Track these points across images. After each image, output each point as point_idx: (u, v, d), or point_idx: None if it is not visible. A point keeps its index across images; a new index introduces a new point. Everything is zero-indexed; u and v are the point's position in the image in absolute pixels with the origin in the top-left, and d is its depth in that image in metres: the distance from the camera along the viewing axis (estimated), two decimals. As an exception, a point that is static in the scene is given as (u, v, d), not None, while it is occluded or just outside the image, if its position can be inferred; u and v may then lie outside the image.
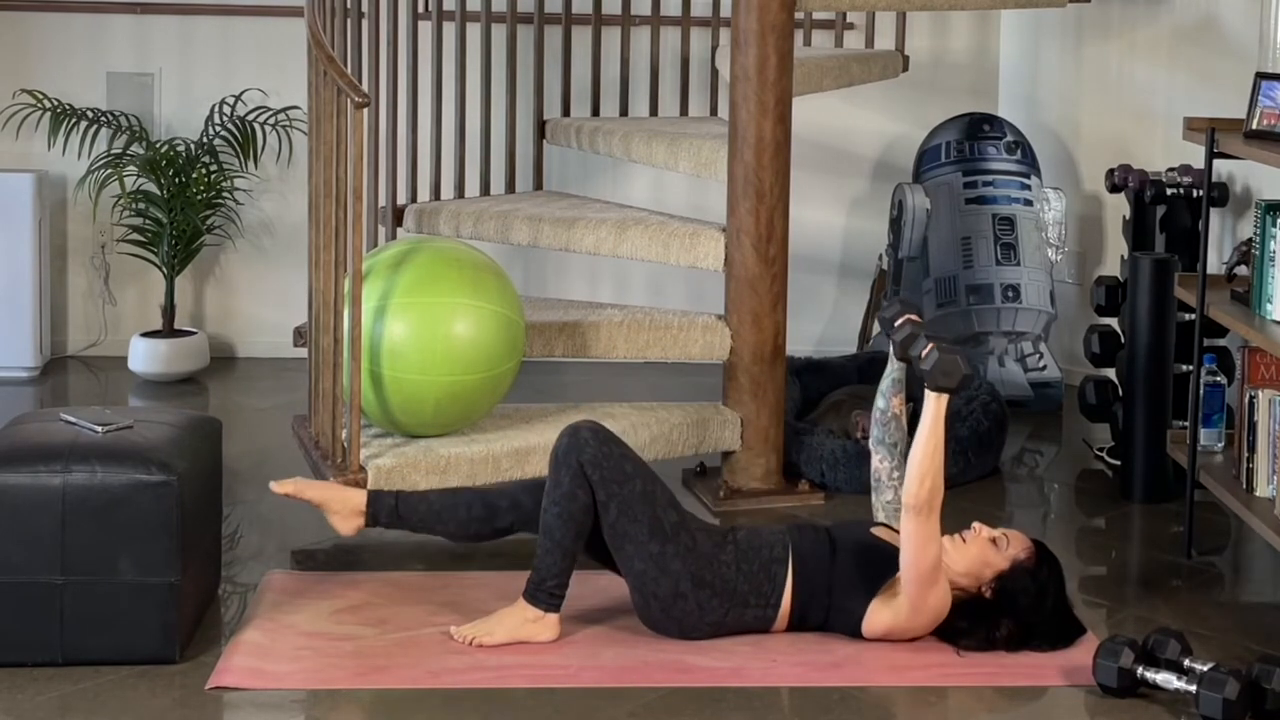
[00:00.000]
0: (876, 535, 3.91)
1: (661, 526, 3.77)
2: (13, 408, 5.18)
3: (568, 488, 3.77)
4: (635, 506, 3.76)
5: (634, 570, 3.79)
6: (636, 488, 3.78)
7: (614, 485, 3.77)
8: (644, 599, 3.80)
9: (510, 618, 3.82)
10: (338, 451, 4.29)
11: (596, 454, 3.78)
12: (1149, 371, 4.89)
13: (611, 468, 3.78)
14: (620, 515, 3.77)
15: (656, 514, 3.77)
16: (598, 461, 3.77)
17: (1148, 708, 3.55)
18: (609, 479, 3.77)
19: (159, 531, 3.61)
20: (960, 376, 3.69)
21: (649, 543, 3.76)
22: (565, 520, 3.78)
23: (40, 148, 6.14)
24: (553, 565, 3.80)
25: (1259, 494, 4.28)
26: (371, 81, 5.31)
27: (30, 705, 3.47)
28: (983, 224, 5.98)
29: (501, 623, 3.82)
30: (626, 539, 3.77)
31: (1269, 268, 4.20)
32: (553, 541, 3.79)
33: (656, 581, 3.77)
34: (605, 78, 5.91)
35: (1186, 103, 5.51)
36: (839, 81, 5.47)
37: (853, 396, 5.22)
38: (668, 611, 3.78)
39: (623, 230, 4.92)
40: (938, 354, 3.68)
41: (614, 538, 3.79)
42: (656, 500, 3.79)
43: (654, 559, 3.76)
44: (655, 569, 3.76)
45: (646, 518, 3.76)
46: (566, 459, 3.79)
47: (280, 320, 5.89)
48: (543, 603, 3.81)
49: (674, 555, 3.76)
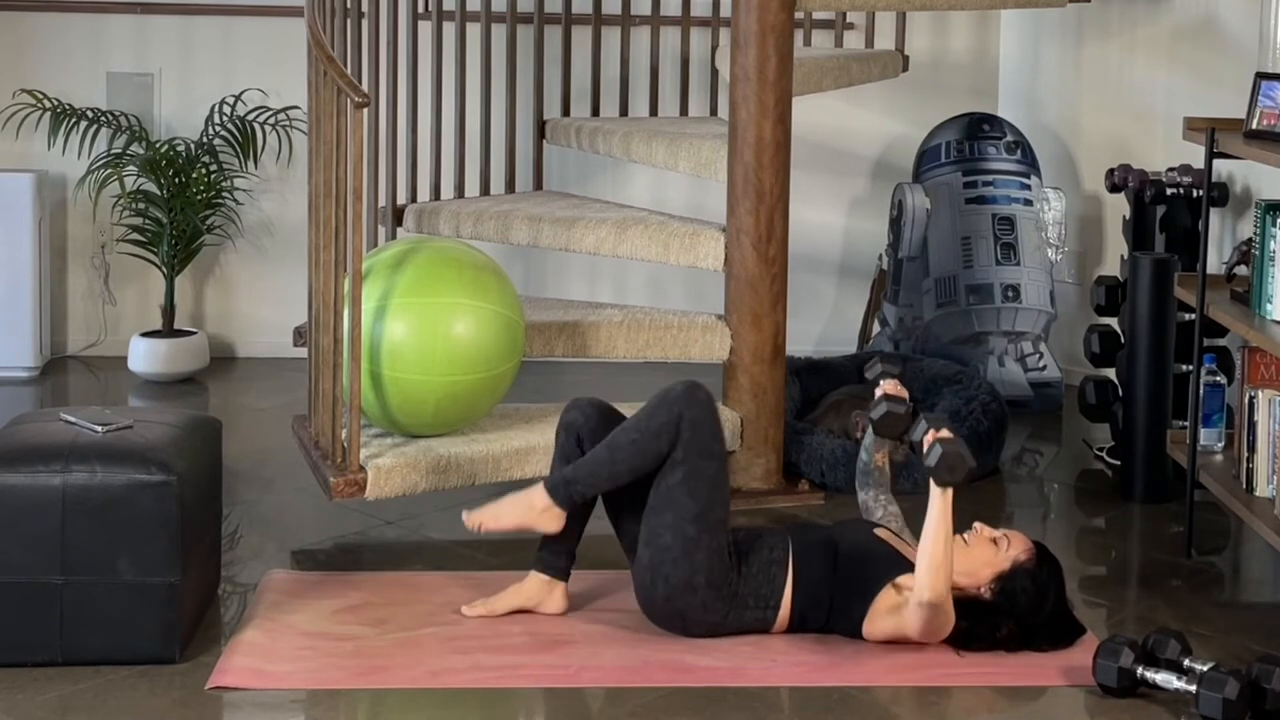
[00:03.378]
0: (877, 536, 3.91)
1: (708, 516, 3.76)
2: (13, 408, 5.18)
3: (656, 429, 3.78)
4: (700, 484, 3.76)
5: (659, 543, 3.76)
6: (711, 469, 3.78)
7: (694, 453, 3.77)
8: (653, 580, 3.78)
9: (520, 503, 3.86)
10: (338, 451, 4.29)
11: (700, 416, 3.78)
12: (1149, 371, 4.90)
13: (704, 436, 3.78)
14: (682, 482, 3.76)
15: (711, 502, 3.76)
16: (697, 423, 3.78)
17: (1148, 708, 3.55)
18: (695, 444, 3.77)
19: (159, 531, 3.62)
20: (965, 470, 3.61)
21: (689, 523, 3.75)
22: (635, 452, 3.79)
23: (40, 148, 6.14)
24: (591, 475, 3.83)
25: (1259, 494, 4.28)
26: (371, 81, 5.31)
27: (30, 705, 3.47)
28: (983, 224, 5.98)
29: (512, 506, 3.86)
30: (672, 507, 3.76)
31: (1269, 268, 4.20)
32: (609, 457, 3.82)
33: (676, 564, 3.75)
34: (605, 78, 5.92)
35: (1186, 103, 5.51)
36: (839, 81, 5.47)
37: (853, 396, 5.22)
38: (672, 599, 3.77)
39: (623, 230, 4.92)
40: (940, 449, 3.60)
41: (661, 499, 3.78)
42: (719, 492, 3.79)
43: (686, 541, 3.74)
44: (681, 551, 3.74)
45: (702, 500, 3.76)
46: (672, 405, 3.79)
47: (280, 320, 5.89)
48: (560, 496, 3.83)
49: (703, 547, 3.75)
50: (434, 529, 4.60)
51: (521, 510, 3.87)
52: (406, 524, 4.63)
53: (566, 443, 3.98)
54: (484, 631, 3.87)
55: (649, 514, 3.80)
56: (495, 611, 3.94)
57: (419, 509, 4.69)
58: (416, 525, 4.63)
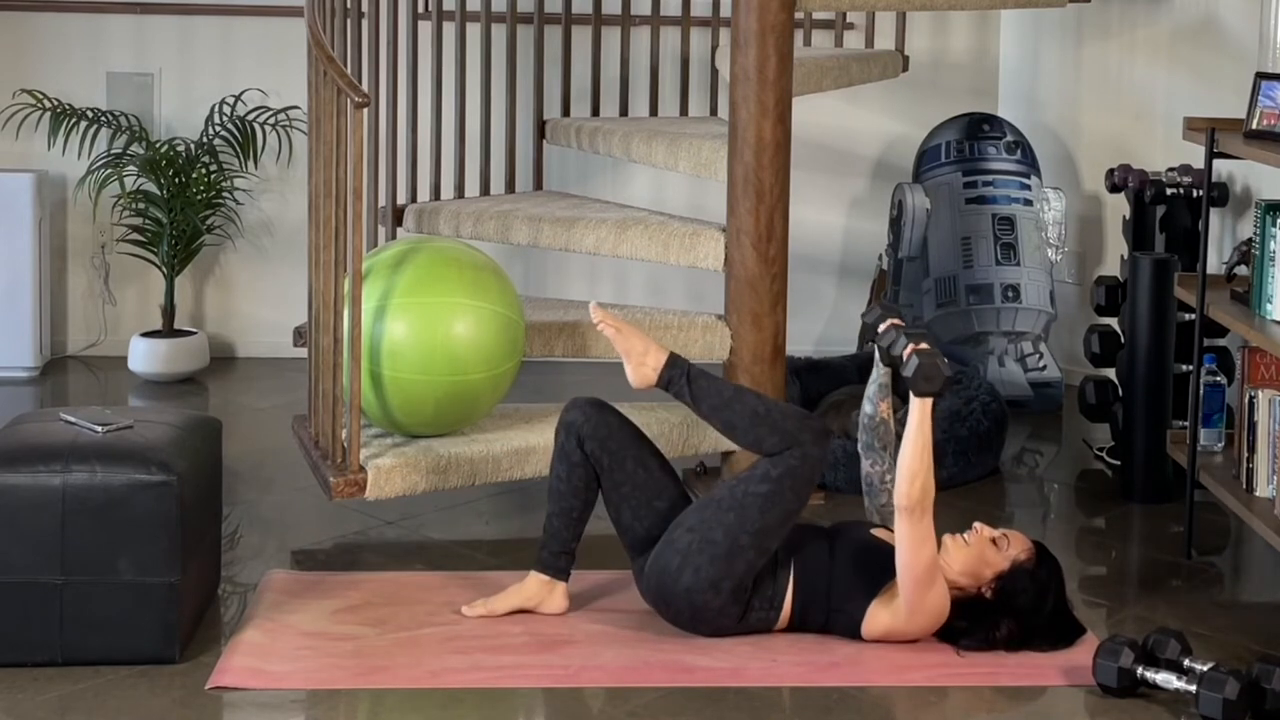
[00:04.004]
0: (876, 536, 3.91)
1: (765, 536, 3.76)
2: (13, 408, 5.18)
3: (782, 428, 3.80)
4: (776, 508, 3.76)
5: (707, 535, 3.76)
6: (792, 504, 3.78)
7: (789, 481, 3.78)
8: (682, 565, 3.77)
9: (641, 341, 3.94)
10: (338, 451, 4.28)
11: (817, 458, 3.80)
12: (1149, 371, 4.90)
13: (807, 476, 3.80)
14: (766, 495, 3.76)
15: (773, 528, 3.76)
16: (809, 460, 3.79)
17: (1148, 708, 3.55)
18: (796, 475, 3.78)
19: (159, 531, 3.62)
20: (941, 380, 3.69)
21: (746, 533, 3.75)
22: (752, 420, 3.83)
23: (40, 148, 6.14)
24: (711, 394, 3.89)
25: (1259, 494, 4.28)
26: (371, 81, 5.31)
27: (30, 705, 3.47)
28: (983, 224, 5.98)
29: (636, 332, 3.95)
30: (739, 509, 3.76)
31: (1269, 268, 4.20)
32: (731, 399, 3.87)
33: (714, 561, 3.74)
34: (605, 78, 5.91)
35: (1186, 103, 5.52)
36: (839, 81, 5.46)
37: (853, 396, 5.21)
38: (693, 592, 3.77)
39: (623, 230, 4.92)
40: (917, 360, 3.69)
41: (735, 499, 3.78)
42: (784, 525, 3.79)
43: (734, 546, 3.74)
44: (725, 552, 3.74)
45: (771, 522, 3.76)
46: (803, 430, 3.81)
47: (280, 320, 5.89)
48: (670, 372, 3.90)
49: (745, 561, 3.75)
50: (434, 529, 4.60)
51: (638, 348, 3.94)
52: (406, 524, 4.63)
53: (566, 443, 3.98)
54: (484, 631, 3.87)
55: (708, 504, 3.81)
56: (495, 611, 3.95)
57: (419, 509, 4.69)
58: (416, 525, 4.63)
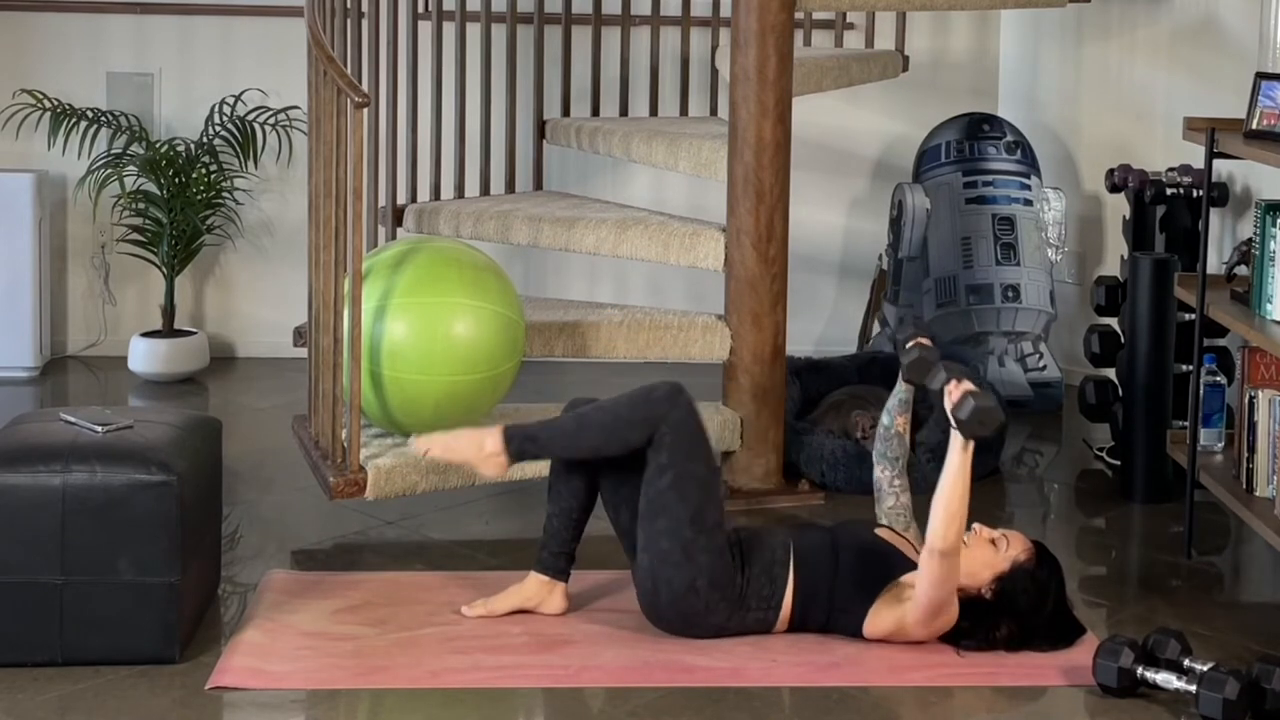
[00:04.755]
0: (879, 536, 3.91)
1: (703, 517, 3.75)
2: (13, 408, 5.17)
3: (632, 420, 3.78)
4: (690, 486, 3.75)
5: (657, 549, 3.76)
6: (700, 470, 3.77)
7: (681, 456, 3.75)
8: (654, 585, 3.78)
9: (472, 440, 3.86)
10: (338, 451, 4.29)
11: (683, 418, 3.77)
12: (1149, 371, 4.90)
13: (689, 439, 3.77)
14: (672, 485, 3.75)
15: (704, 503, 3.76)
16: (680, 426, 3.76)
17: (1148, 708, 3.55)
18: (681, 448, 3.76)
19: (159, 531, 3.61)
20: (997, 424, 3.63)
21: (685, 526, 3.74)
22: (604, 435, 3.79)
23: (40, 148, 6.14)
24: (552, 440, 3.84)
25: (1259, 494, 4.28)
26: (371, 81, 5.31)
27: (30, 705, 3.47)
28: (983, 224, 5.98)
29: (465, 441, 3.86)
30: (664, 513, 3.75)
31: (1269, 268, 4.20)
32: (576, 430, 3.82)
33: (677, 567, 3.74)
34: (605, 78, 5.91)
35: (1186, 103, 5.51)
36: (839, 81, 5.47)
37: (853, 396, 5.22)
38: (675, 603, 3.77)
39: (623, 230, 4.92)
40: (974, 403, 3.59)
41: (653, 505, 3.76)
42: (711, 493, 3.78)
43: (684, 544, 3.73)
44: (680, 554, 3.74)
45: (694, 502, 3.74)
46: (655, 404, 3.78)
47: (280, 320, 5.89)
48: (513, 448, 3.83)
49: (703, 549, 3.74)
50: (434, 529, 4.60)
51: (473, 448, 3.86)
52: (406, 524, 4.63)
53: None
54: (484, 631, 3.87)
55: (642, 520, 3.79)
56: (495, 612, 3.94)
57: (419, 509, 4.69)
58: (416, 525, 4.63)
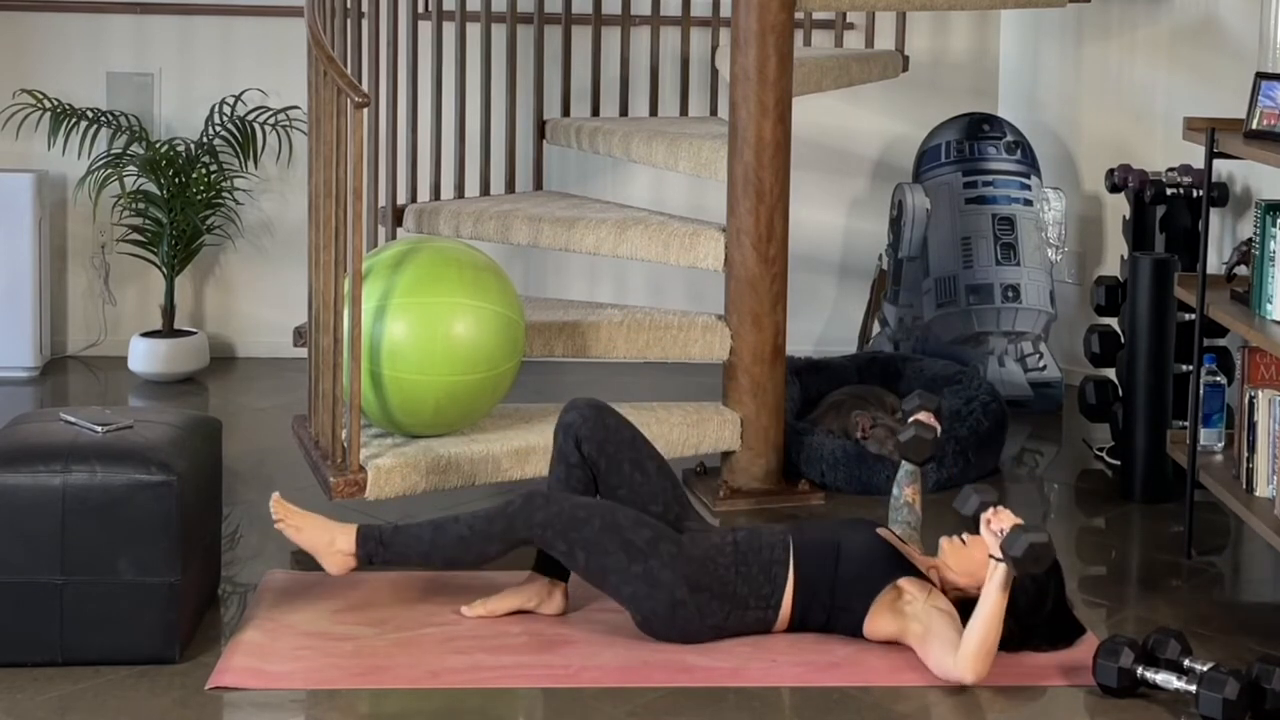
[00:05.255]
0: (880, 536, 3.91)
1: (636, 547, 3.75)
2: (13, 408, 5.18)
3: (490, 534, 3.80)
4: (603, 542, 3.75)
5: (625, 595, 3.78)
6: (595, 526, 3.75)
7: (572, 534, 3.75)
8: (644, 617, 3.79)
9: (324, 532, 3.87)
10: (338, 451, 4.28)
11: (546, 517, 3.76)
12: (1149, 371, 4.89)
13: (564, 522, 3.76)
14: (590, 556, 3.75)
15: (626, 538, 3.75)
16: (548, 523, 3.76)
17: (1148, 708, 3.55)
18: (565, 531, 3.75)
19: (159, 531, 3.62)
20: (1051, 559, 3.60)
21: (630, 566, 3.74)
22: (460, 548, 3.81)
23: (40, 148, 6.14)
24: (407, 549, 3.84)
25: (1259, 494, 4.28)
26: (371, 81, 5.31)
27: (30, 705, 3.47)
28: (983, 224, 5.98)
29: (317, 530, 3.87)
30: (607, 572, 3.76)
31: (1269, 268, 4.20)
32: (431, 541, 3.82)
33: (651, 597, 3.76)
34: (605, 78, 5.92)
35: (1186, 103, 5.52)
36: (839, 81, 5.47)
37: (853, 396, 5.22)
38: (669, 622, 3.78)
39: (623, 230, 4.92)
40: (1026, 540, 3.52)
41: (593, 577, 3.78)
42: (622, 527, 3.76)
43: (641, 579, 3.74)
44: (645, 586, 3.75)
45: (617, 546, 3.74)
46: (513, 519, 3.79)
47: (280, 320, 5.89)
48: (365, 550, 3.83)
49: (660, 568, 3.75)
50: (434, 529, 4.60)
51: (323, 540, 3.85)
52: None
53: (564, 444, 3.98)
54: (484, 631, 3.87)
55: (602, 589, 3.80)
56: (495, 612, 3.94)
57: (419, 509, 4.69)
58: (416, 525, 4.62)
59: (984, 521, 3.64)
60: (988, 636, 3.59)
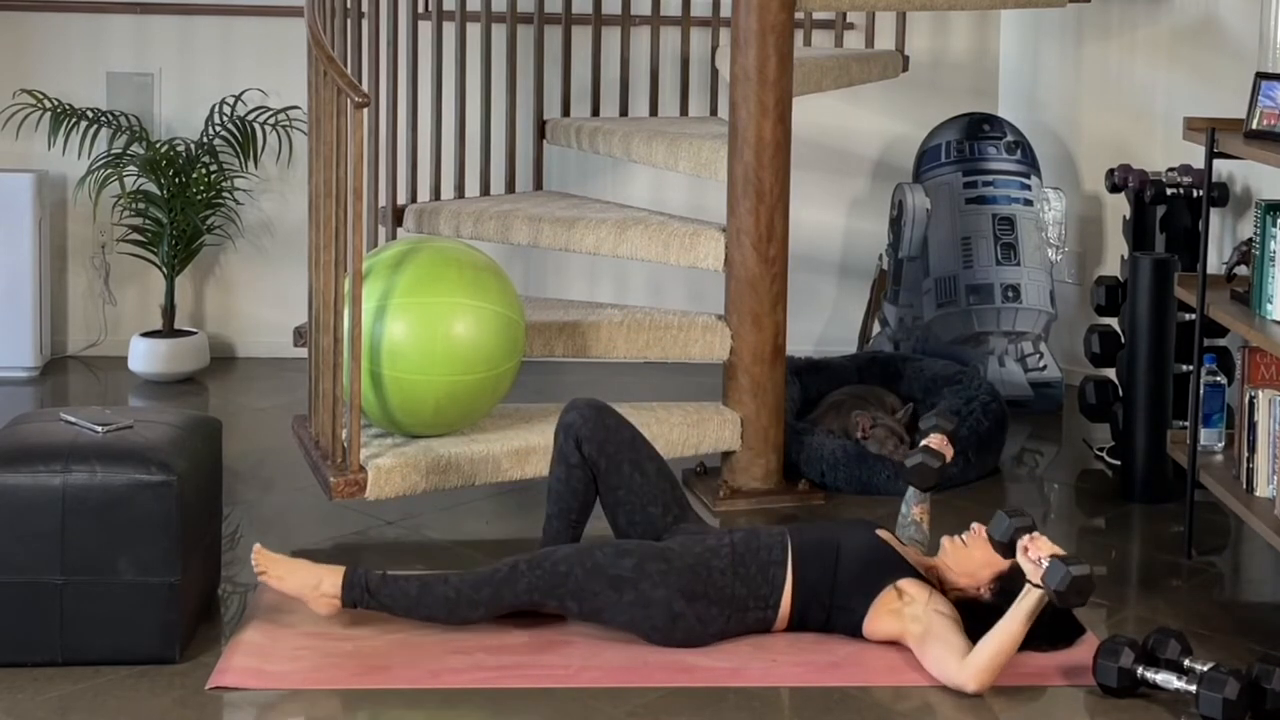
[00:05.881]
0: (879, 537, 3.91)
1: (622, 579, 3.74)
2: (13, 408, 5.18)
3: (475, 599, 3.78)
4: (588, 587, 3.75)
5: (623, 624, 3.78)
6: (577, 576, 3.75)
7: (559, 590, 3.76)
8: (646, 634, 3.79)
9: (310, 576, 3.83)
10: (338, 451, 4.28)
11: (530, 584, 3.76)
12: (1149, 371, 4.89)
13: (547, 583, 3.76)
14: (582, 604, 3.76)
15: (610, 575, 3.75)
16: (534, 588, 3.76)
17: (1148, 708, 3.55)
18: (551, 590, 3.76)
19: (159, 531, 3.62)
20: (1092, 593, 3.57)
21: (622, 596, 3.75)
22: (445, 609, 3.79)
23: (40, 148, 6.14)
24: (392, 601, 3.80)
25: (1259, 494, 4.28)
26: (371, 81, 5.31)
27: (30, 705, 3.47)
28: (983, 224, 5.98)
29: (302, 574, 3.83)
30: (601, 611, 3.77)
31: (1269, 268, 4.20)
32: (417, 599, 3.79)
33: (649, 617, 3.76)
34: (605, 78, 5.91)
35: (1186, 103, 5.51)
36: (839, 81, 5.47)
37: (853, 396, 5.22)
38: (670, 634, 3.78)
39: (623, 230, 4.92)
40: (1070, 573, 3.50)
41: (589, 619, 3.79)
42: (603, 567, 3.75)
43: (634, 605, 3.75)
44: (640, 609, 3.75)
45: (603, 586, 3.74)
46: (497, 588, 3.77)
47: (280, 320, 5.89)
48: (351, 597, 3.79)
49: (651, 589, 3.74)
50: (434, 529, 4.60)
51: (309, 585, 3.82)
52: (406, 524, 4.63)
53: (565, 444, 3.98)
54: (484, 631, 3.87)
55: (601, 624, 3.80)
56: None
57: (419, 509, 4.69)
58: (416, 525, 4.63)
59: (1020, 549, 3.62)
60: (1002, 654, 3.59)
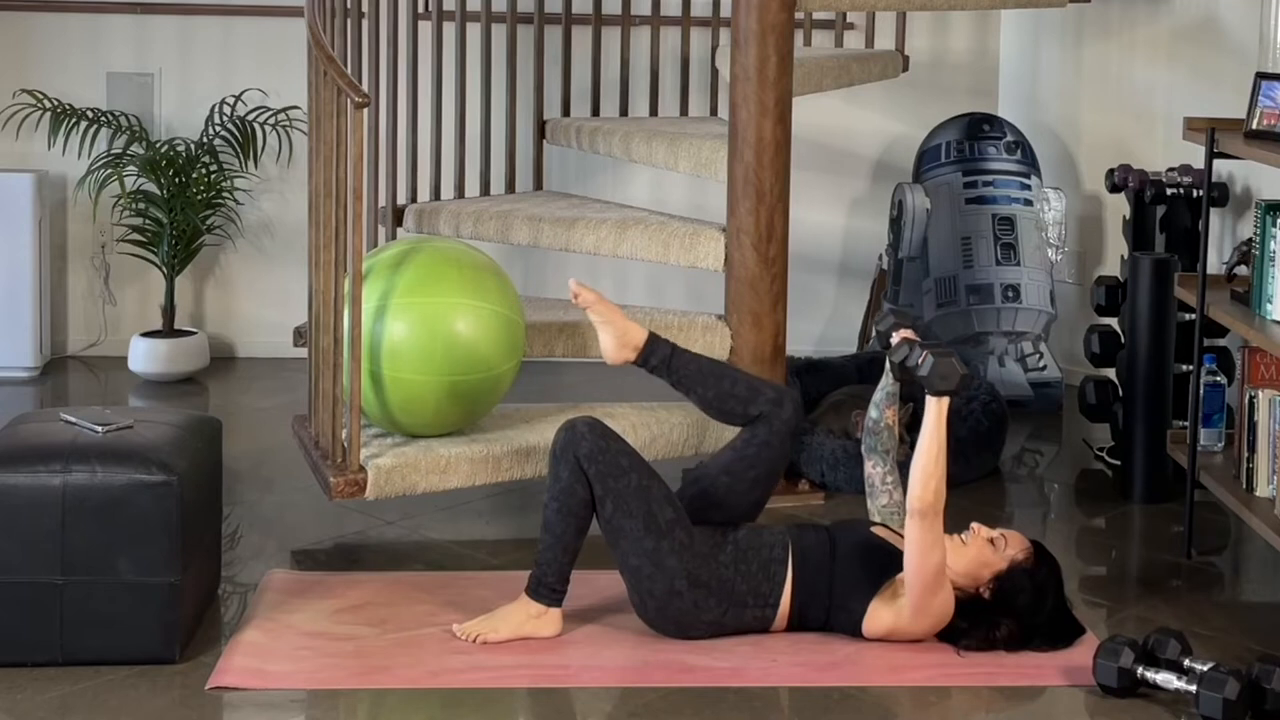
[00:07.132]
0: (877, 535, 3.92)
1: (656, 522, 3.76)
2: (13, 408, 5.18)
3: (566, 482, 3.78)
4: (630, 501, 3.76)
5: (629, 566, 3.79)
6: (632, 482, 3.78)
7: (610, 480, 3.77)
8: (640, 596, 3.80)
9: (513, 615, 3.83)
10: (338, 451, 4.28)
11: (593, 448, 3.78)
12: (1149, 371, 4.90)
13: (608, 462, 3.78)
14: (616, 510, 3.77)
15: (651, 509, 3.77)
16: (594, 456, 3.78)
17: (1148, 708, 3.55)
18: (605, 474, 3.77)
19: (159, 531, 3.62)
20: (958, 378, 3.71)
21: (644, 538, 3.76)
22: (565, 515, 3.79)
23: (40, 148, 6.14)
24: (553, 561, 3.81)
25: (1259, 494, 4.28)
26: (371, 81, 5.31)
27: (30, 705, 3.47)
28: (983, 224, 5.99)
29: (505, 620, 3.82)
30: (621, 534, 3.77)
31: (1269, 268, 4.20)
32: (553, 537, 3.80)
33: (651, 578, 3.77)
34: (605, 78, 5.91)
35: (1186, 103, 5.51)
36: (839, 81, 5.46)
37: (853, 396, 5.22)
38: (663, 610, 3.78)
39: (623, 230, 4.92)
40: (933, 359, 3.72)
41: (610, 533, 3.79)
42: (652, 496, 3.79)
43: (649, 555, 3.76)
44: (650, 565, 3.76)
45: (641, 513, 3.76)
46: (564, 454, 3.79)
47: (280, 320, 5.89)
48: (545, 598, 3.82)
49: (669, 551, 3.76)
50: (434, 529, 4.60)
51: (518, 620, 3.83)
52: (406, 524, 4.63)
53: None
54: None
55: (611, 549, 3.82)
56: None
57: (419, 509, 4.70)
58: (416, 525, 4.63)
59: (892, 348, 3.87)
60: (926, 460, 3.67)
